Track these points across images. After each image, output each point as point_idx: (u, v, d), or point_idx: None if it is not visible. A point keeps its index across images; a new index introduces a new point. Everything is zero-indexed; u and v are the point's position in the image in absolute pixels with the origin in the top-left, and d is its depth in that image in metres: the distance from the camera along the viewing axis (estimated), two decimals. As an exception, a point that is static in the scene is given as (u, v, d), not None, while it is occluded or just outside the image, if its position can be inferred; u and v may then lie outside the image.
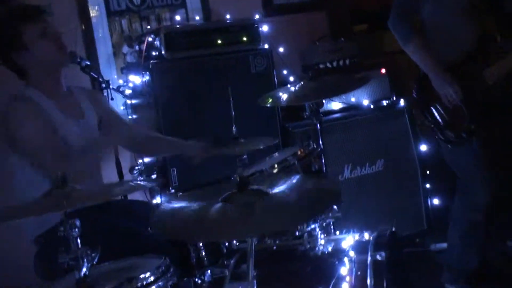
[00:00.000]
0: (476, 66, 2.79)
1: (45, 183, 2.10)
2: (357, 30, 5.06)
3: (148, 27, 3.59)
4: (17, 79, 2.40)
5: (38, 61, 2.33)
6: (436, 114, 2.78)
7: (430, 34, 2.79)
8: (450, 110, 2.75)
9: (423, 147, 3.64)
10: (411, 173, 3.65)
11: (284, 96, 2.53)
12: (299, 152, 2.24)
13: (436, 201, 3.69)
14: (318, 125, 2.56)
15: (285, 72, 3.68)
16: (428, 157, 3.64)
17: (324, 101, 2.64)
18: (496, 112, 2.80)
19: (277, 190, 1.71)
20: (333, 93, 2.59)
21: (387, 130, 3.61)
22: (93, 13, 3.48)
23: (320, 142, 2.50)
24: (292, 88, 2.58)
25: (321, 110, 2.52)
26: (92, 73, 2.76)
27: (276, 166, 2.16)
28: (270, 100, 2.56)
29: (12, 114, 2.25)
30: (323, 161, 2.39)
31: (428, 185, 3.66)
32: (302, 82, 2.57)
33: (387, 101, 3.70)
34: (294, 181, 1.79)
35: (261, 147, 2.57)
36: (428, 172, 3.68)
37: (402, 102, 3.66)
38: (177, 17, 3.54)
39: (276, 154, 2.52)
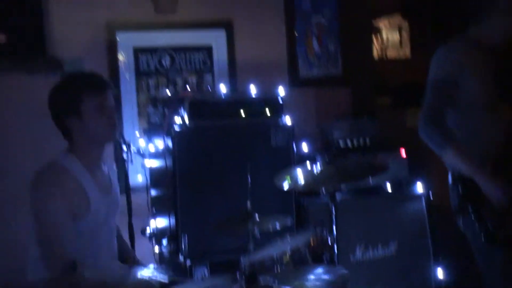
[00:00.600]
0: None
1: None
2: (380, 104, 5.10)
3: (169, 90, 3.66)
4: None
5: (88, 132, 2.34)
6: (484, 216, 2.70)
7: (460, 136, 2.76)
8: (500, 210, 2.69)
9: (438, 233, 3.60)
10: (423, 258, 3.60)
11: (301, 179, 2.54)
12: (311, 242, 2.23)
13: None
14: (334, 208, 2.56)
15: (305, 146, 3.69)
16: (442, 244, 3.60)
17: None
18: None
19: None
20: (351, 180, 2.58)
21: (403, 212, 3.58)
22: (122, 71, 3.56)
23: (334, 228, 2.50)
24: (310, 170, 2.59)
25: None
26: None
27: (287, 255, 2.15)
28: (288, 182, 2.56)
29: (42, 185, 2.27)
30: (336, 250, 2.37)
31: (440, 274, 3.60)
32: (320, 164, 2.58)
33: (404, 184, 3.68)
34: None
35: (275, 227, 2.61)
36: (441, 259, 3.63)
37: (419, 186, 3.64)
38: (205, 87, 3.59)
39: (288, 237, 2.52)
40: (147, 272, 1.48)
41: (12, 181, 3.37)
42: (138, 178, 3.53)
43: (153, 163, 3.32)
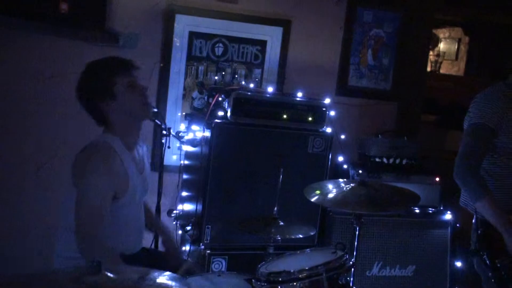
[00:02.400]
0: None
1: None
2: (425, 120, 5.06)
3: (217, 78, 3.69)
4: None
5: (124, 111, 2.44)
6: (501, 267, 2.70)
7: (489, 184, 2.76)
8: None
9: (458, 264, 3.59)
10: (439, 286, 3.60)
11: (331, 196, 2.55)
12: (330, 264, 2.25)
13: (456, 320, 3.62)
14: (358, 229, 2.58)
15: (342, 158, 3.70)
16: (460, 275, 3.59)
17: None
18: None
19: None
20: (379, 210, 2.57)
21: (426, 237, 3.58)
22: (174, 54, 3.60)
23: (355, 251, 2.52)
24: (341, 188, 2.60)
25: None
26: (156, 120, 2.88)
27: (304, 273, 2.18)
28: (316, 197, 2.58)
29: (89, 162, 2.32)
30: (352, 277, 2.39)
31: (453, 303, 3.60)
32: (352, 185, 2.59)
33: (433, 209, 3.66)
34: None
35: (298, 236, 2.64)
36: (455, 288, 3.62)
37: (448, 214, 3.61)
38: (251, 85, 3.60)
39: (308, 250, 2.55)
40: (162, 279, 1.53)
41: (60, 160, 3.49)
42: (172, 158, 3.59)
43: (190, 148, 3.37)
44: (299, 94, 3.34)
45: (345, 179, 2.78)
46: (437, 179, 3.67)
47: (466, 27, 7.88)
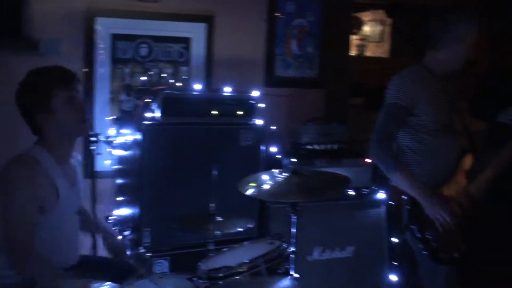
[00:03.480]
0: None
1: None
2: (354, 104, 5.18)
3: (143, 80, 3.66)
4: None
5: (60, 127, 2.37)
6: (430, 237, 2.83)
7: (412, 160, 2.89)
8: (443, 232, 2.82)
9: (394, 240, 3.70)
10: (379, 264, 3.71)
11: (265, 188, 2.58)
12: (268, 254, 2.29)
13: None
14: (294, 218, 2.63)
15: (274, 148, 3.74)
16: (397, 251, 3.70)
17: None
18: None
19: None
20: (314, 196, 2.63)
21: (363, 218, 3.68)
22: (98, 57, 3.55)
23: (294, 239, 2.57)
24: (274, 178, 2.64)
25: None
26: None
27: (244, 266, 2.22)
28: (252, 190, 2.60)
29: (12, 176, 2.27)
30: (294, 264, 2.44)
31: (392, 277, 3.71)
32: (285, 175, 2.64)
33: (367, 190, 3.76)
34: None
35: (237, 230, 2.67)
36: (394, 264, 3.73)
37: (381, 193, 3.73)
38: (179, 84, 3.60)
39: (247, 243, 2.59)
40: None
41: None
42: (106, 164, 3.54)
43: (122, 152, 3.34)
44: (228, 89, 3.35)
45: (278, 169, 2.82)
46: (368, 160, 3.77)
47: (388, 9, 8.10)
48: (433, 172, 2.89)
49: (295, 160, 3.57)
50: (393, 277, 3.65)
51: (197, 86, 3.37)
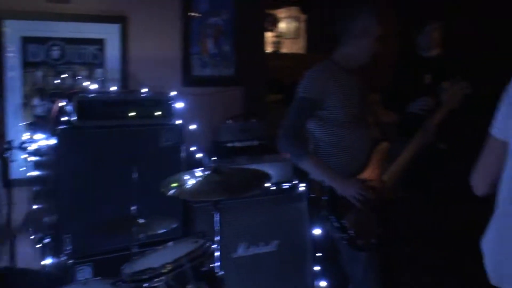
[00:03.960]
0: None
1: None
2: (272, 100, 5.26)
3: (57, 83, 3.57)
4: None
5: None
6: (347, 225, 2.92)
7: (326, 152, 2.98)
8: (360, 219, 2.91)
9: (317, 231, 3.79)
10: (302, 256, 3.79)
11: (187, 187, 2.58)
12: (192, 253, 2.30)
13: (323, 284, 3.83)
14: (218, 216, 2.65)
15: (195, 148, 3.75)
16: (320, 241, 3.80)
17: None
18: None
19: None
20: (235, 193, 2.66)
21: (285, 212, 3.73)
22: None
23: (218, 236, 2.58)
24: (196, 177, 2.65)
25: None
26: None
27: (168, 267, 2.21)
28: (174, 190, 2.60)
29: None
30: (218, 262, 2.45)
31: (317, 268, 3.80)
32: (207, 173, 2.65)
33: (288, 184, 3.83)
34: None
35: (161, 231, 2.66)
36: (318, 255, 3.83)
37: (302, 187, 3.81)
38: (94, 86, 3.52)
39: (171, 243, 2.58)
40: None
41: None
42: (21, 172, 3.43)
43: (38, 158, 3.24)
44: (145, 90, 3.32)
45: (200, 168, 2.83)
46: (288, 155, 3.83)
47: (302, 5, 8.26)
48: (346, 163, 2.99)
49: (216, 158, 3.59)
50: (318, 268, 3.77)
51: (113, 88, 3.33)
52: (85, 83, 3.58)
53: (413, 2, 6.12)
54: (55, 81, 3.55)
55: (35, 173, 3.36)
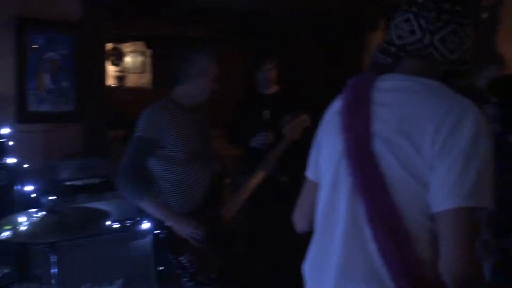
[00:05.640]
0: (212, 211, 3.06)
1: None
2: (115, 136, 5.17)
3: None
4: None
5: None
6: (186, 262, 2.91)
7: (166, 190, 3.01)
8: (199, 255, 2.92)
9: (161, 268, 3.76)
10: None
11: (22, 229, 2.46)
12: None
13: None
14: (55, 258, 2.54)
15: (31, 187, 3.57)
16: (166, 279, 3.77)
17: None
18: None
19: None
20: (72, 233, 2.58)
21: (129, 249, 3.67)
22: None
23: (54, 281, 2.47)
24: (32, 218, 2.53)
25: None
26: None
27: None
28: (7, 233, 2.46)
29: None
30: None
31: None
32: (43, 214, 2.54)
33: (131, 221, 3.78)
34: None
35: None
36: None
37: (146, 223, 3.77)
38: None
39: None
40: None
41: None
42: None
43: None
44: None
45: (36, 209, 2.72)
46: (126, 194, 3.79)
47: (147, 40, 8.28)
48: (187, 200, 3.01)
49: (54, 197, 3.46)
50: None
51: None
52: None
53: (254, 41, 6.44)
54: None
55: None
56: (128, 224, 3.72)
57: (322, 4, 5.17)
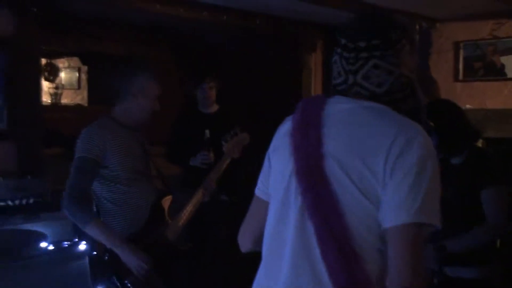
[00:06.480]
0: (156, 232, 3.01)
1: None
2: (51, 154, 5.02)
3: None
4: None
5: None
6: (130, 285, 2.82)
7: (109, 210, 2.93)
8: (143, 277, 2.84)
9: (100, 290, 3.67)
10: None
11: None
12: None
13: None
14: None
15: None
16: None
17: None
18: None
19: None
20: (6, 256, 2.48)
21: (65, 272, 3.55)
22: None
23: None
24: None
25: None
26: None
27: None
28: None
29: None
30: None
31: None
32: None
33: (67, 243, 3.66)
34: None
35: None
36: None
37: (83, 245, 3.66)
38: None
39: None
40: None
41: None
42: None
43: None
44: None
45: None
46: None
47: (82, 56, 8.09)
48: (130, 220, 2.96)
49: (-14, 219, 3.32)
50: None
51: None
52: None
53: (192, 58, 6.43)
54: None
55: None
56: (64, 246, 3.61)
57: (255, 30, 5.24)
